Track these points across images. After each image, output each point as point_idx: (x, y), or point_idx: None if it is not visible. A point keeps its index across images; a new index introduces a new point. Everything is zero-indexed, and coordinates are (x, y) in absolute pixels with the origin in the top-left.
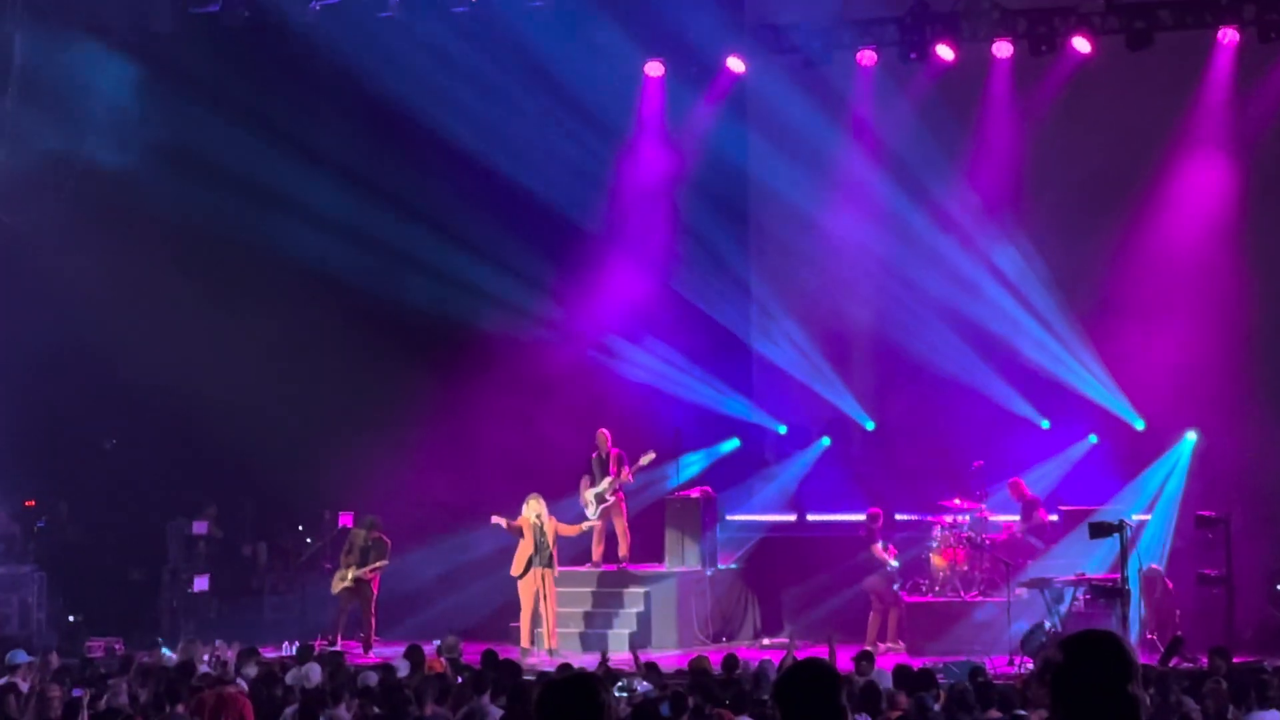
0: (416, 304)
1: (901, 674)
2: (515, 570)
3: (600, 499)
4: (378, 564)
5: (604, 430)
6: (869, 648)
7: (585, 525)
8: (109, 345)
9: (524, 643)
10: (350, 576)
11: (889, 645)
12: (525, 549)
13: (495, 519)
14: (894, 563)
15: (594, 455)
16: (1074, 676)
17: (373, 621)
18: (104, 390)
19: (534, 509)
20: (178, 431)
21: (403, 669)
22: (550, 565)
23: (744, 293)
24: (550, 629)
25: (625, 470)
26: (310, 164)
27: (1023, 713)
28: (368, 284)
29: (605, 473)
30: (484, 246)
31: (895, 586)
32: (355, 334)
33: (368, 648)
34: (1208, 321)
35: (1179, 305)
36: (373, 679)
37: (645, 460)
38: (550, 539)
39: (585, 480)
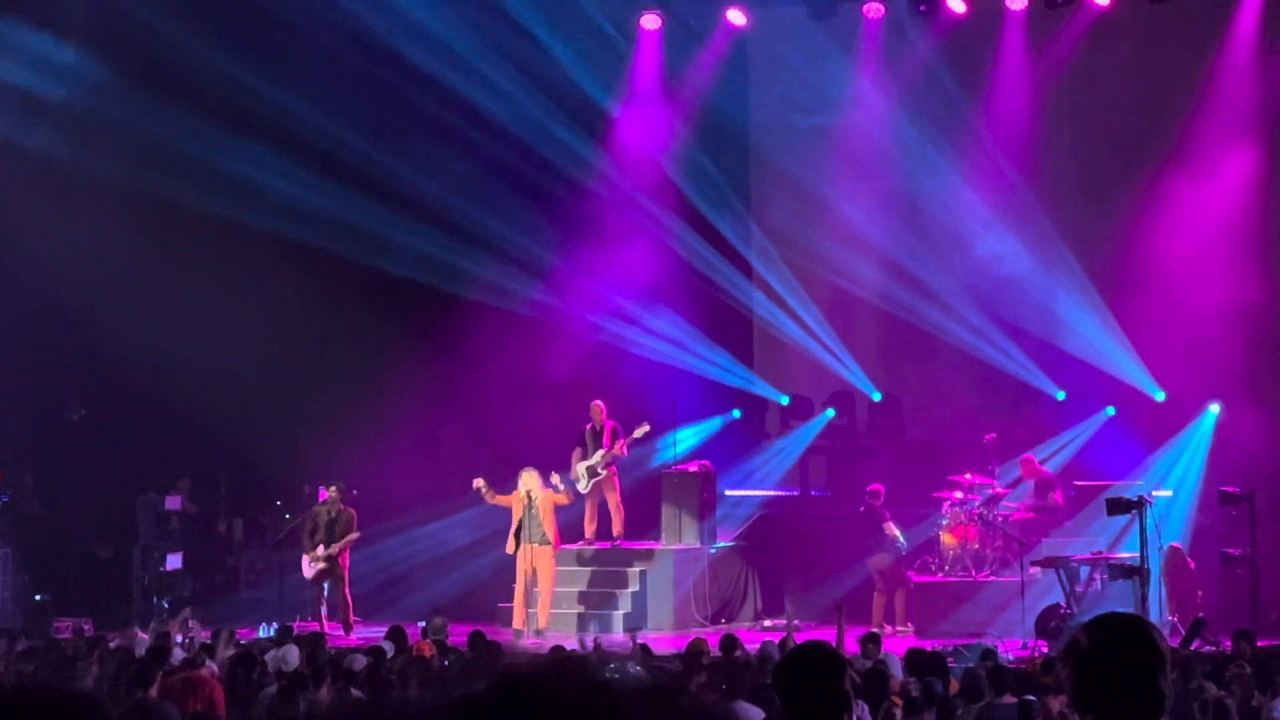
0: (402, 270)
1: (914, 658)
2: (509, 548)
3: (592, 472)
4: (347, 538)
5: (598, 402)
6: (875, 630)
7: (561, 485)
8: (77, 312)
9: (516, 624)
10: (321, 555)
11: (897, 628)
12: (514, 525)
13: (477, 481)
14: (903, 540)
15: (588, 427)
16: (1099, 665)
17: (349, 601)
18: (72, 359)
19: (526, 484)
20: (149, 402)
21: (387, 651)
22: (544, 542)
23: (745, 258)
24: (542, 608)
25: (619, 443)
26: (288, 128)
27: (1032, 698)
28: (350, 249)
29: (598, 445)
30: (473, 211)
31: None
32: (338, 301)
33: (348, 629)
34: (1231, 288)
35: (1201, 271)
36: (359, 662)
37: (639, 433)
38: (545, 515)
39: (577, 452)
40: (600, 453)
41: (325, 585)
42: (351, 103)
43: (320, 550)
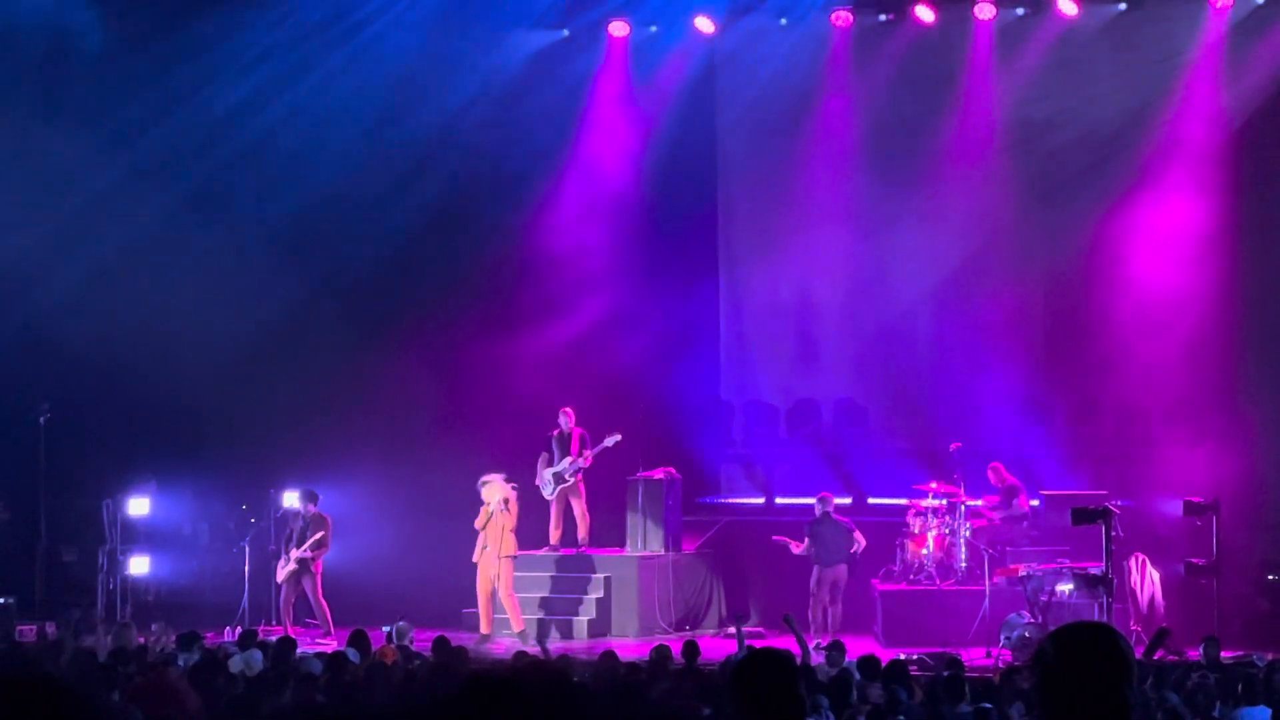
0: (370, 275)
1: (869, 665)
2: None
3: (559, 478)
4: (315, 538)
5: (567, 409)
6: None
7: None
8: (41, 313)
9: (484, 629)
10: (293, 558)
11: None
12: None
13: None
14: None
15: (555, 433)
16: (1065, 674)
17: (325, 605)
18: (37, 361)
19: (497, 492)
20: (116, 405)
21: (351, 656)
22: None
23: (712, 266)
24: (513, 612)
25: (586, 452)
26: (266, 123)
27: (988, 705)
28: (319, 250)
29: (566, 452)
30: (440, 217)
31: None
32: (304, 304)
33: (328, 632)
34: (1196, 297)
35: (1166, 280)
36: (317, 666)
37: (610, 442)
38: (507, 523)
39: (544, 458)
40: (568, 460)
41: (296, 591)
42: (324, 111)
43: (294, 553)
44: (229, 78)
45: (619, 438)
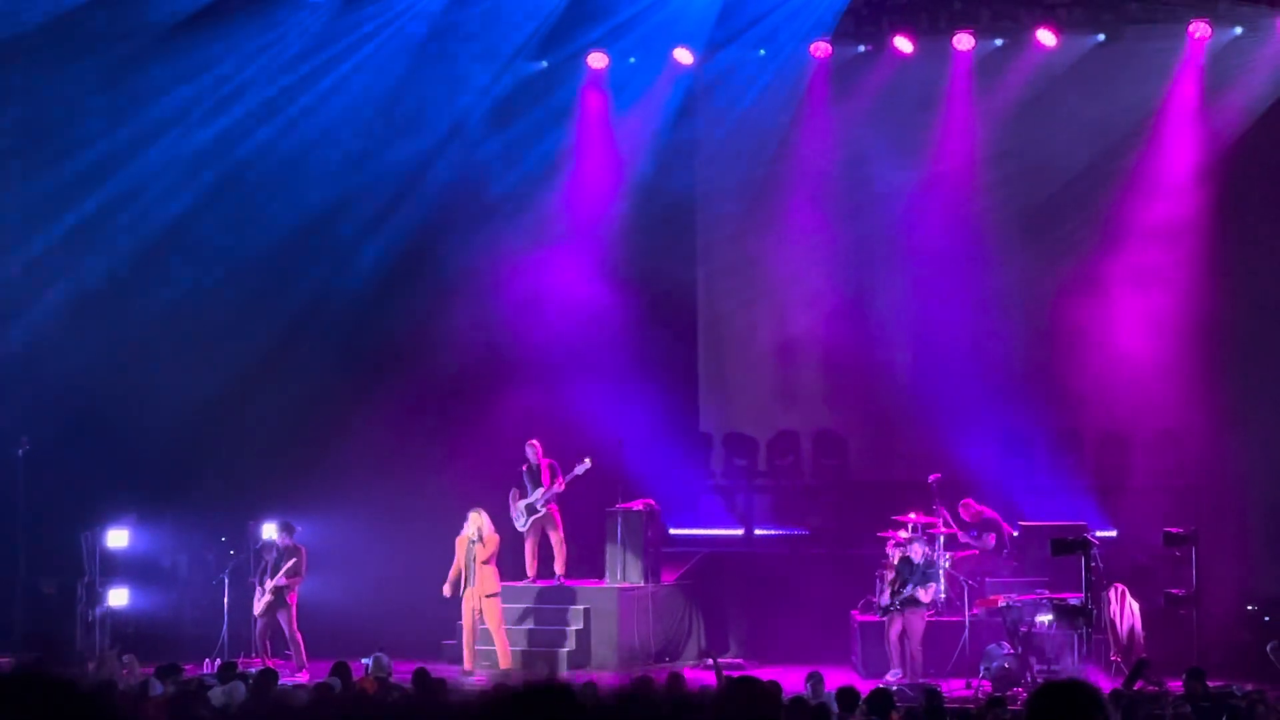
0: (347, 308)
1: (848, 696)
2: (449, 591)
3: (531, 510)
4: (289, 565)
5: (534, 441)
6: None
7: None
8: (19, 345)
9: (466, 664)
10: (269, 588)
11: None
12: (459, 568)
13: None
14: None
15: (524, 468)
16: None
17: (299, 637)
18: (15, 392)
19: (476, 524)
20: (95, 437)
21: (331, 688)
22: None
23: (691, 298)
24: (501, 647)
25: (559, 479)
26: (244, 157)
27: None
28: (296, 284)
29: (537, 484)
30: (417, 252)
31: None
32: (282, 337)
33: (301, 665)
34: (1176, 328)
35: (1147, 310)
36: (302, 697)
37: (581, 469)
38: (475, 556)
39: (515, 493)
40: (539, 491)
41: (270, 621)
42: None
43: (268, 583)
44: (204, 113)
45: (588, 464)
